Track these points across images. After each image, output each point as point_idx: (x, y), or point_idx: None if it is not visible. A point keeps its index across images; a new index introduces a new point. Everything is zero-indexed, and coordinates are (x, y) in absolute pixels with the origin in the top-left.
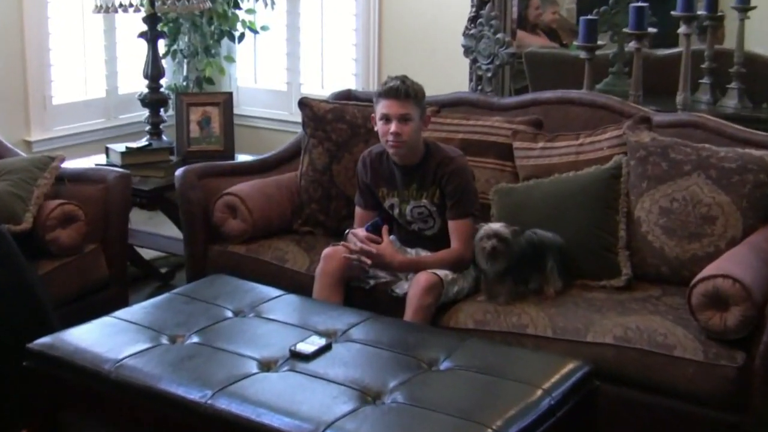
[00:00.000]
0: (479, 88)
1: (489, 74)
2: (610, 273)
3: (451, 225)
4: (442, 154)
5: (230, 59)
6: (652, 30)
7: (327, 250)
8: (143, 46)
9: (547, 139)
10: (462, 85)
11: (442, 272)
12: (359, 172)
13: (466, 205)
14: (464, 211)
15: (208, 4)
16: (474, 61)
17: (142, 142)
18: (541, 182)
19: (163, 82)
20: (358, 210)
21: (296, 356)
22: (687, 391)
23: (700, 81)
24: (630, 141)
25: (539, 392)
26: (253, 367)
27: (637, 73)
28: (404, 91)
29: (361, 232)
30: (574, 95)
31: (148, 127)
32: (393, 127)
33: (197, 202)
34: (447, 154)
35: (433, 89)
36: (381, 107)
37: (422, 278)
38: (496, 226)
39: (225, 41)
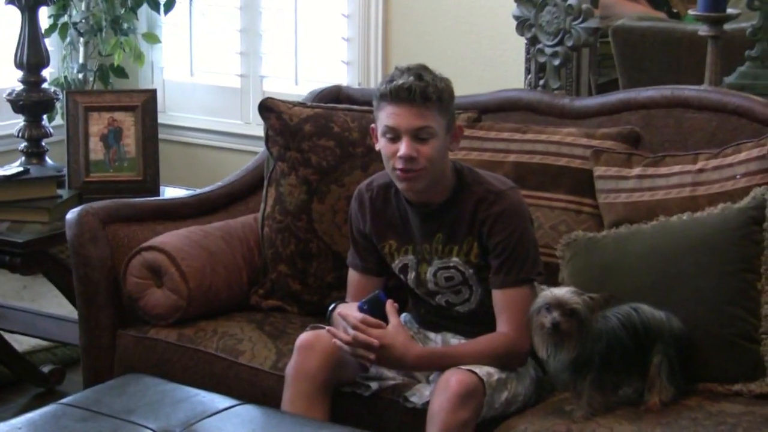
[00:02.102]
0: (541, 83)
1: (556, 62)
2: (749, 372)
3: (498, 297)
4: (484, 186)
5: (152, 38)
6: None
7: (304, 338)
8: (14, 17)
9: (649, 162)
10: (514, 79)
11: (482, 370)
12: (353, 215)
13: (522, 266)
14: (519, 277)
15: None
16: (533, 42)
17: (14, 167)
18: (638, 230)
19: (46, 73)
20: (352, 275)
21: None
22: None
23: None
24: None
25: None
26: None
27: None
28: (421, 91)
29: (352, 311)
30: (690, 94)
31: (22, 145)
32: (404, 147)
33: (100, 262)
34: (491, 187)
35: (470, 85)
36: (385, 116)
37: (453, 380)
38: (561, 291)
39: (144, 10)
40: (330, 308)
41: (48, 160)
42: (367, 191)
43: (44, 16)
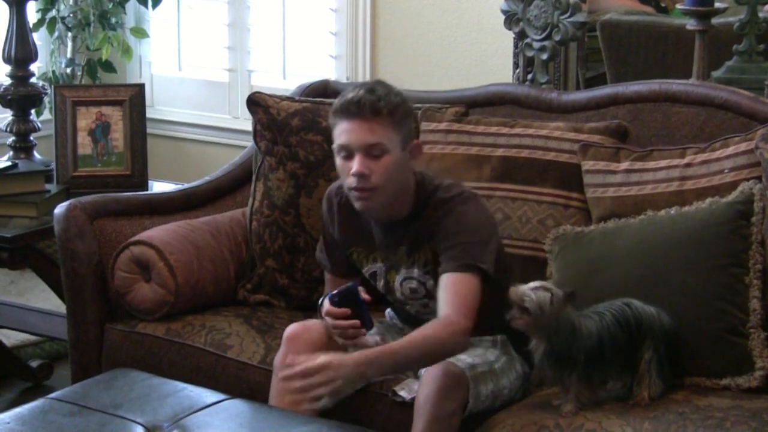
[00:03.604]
0: (529, 77)
1: (544, 56)
2: (736, 366)
3: (441, 282)
4: (440, 197)
5: (140, 33)
6: None
7: (292, 329)
8: (2, 12)
9: (636, 156)
10: (502, 72)
11: (465, 363)
12: (323, 216)
13: (466, 253)
14: (461, 262)
15: None
16: (521, 36)
17: (2, 162)
18: (626, 224)
19: (34, 68)
20: (326, 273)
21: None
22: None
23: None
24: (766, 159)
25: None
26: None
27: None
28: (371, 105)
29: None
30: (677, 88)
31: (10, 139)
32: (356, 164)
33: (88, 257)
34: (441, 195)
35: (457, 79)
36: (338, 134)
37: (438, 372)
38: (523, 287)
39: (132, 4)
40: (319, 303)
41: (36, 154)
42: (336, 196)
43: (32, 10)
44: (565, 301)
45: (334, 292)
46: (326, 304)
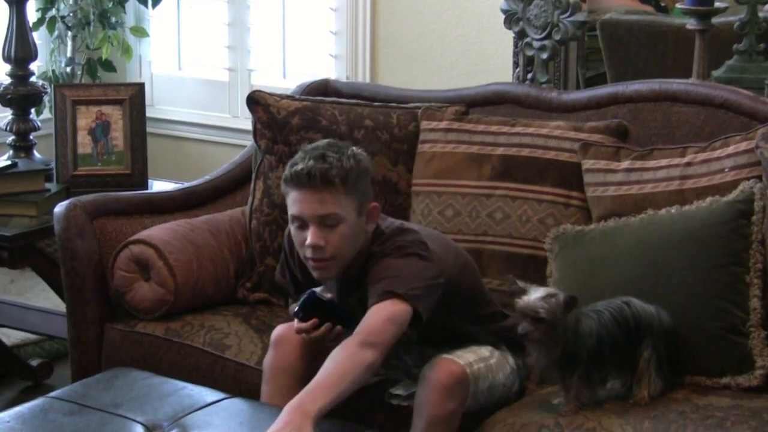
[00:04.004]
0: (529, 76)
1: (544, 56)
2: (736, 366)
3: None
4: (378, 250)
5: (140, 32)
6: None
7: (278, 332)
8: (2, 11)
9: (636, 155)
10: (502, 72)
11: (464, 360)
12: (285, 252)
13: (394, 283)
14: (386, 290)
15: None
16: (521, 36)
17: (2, 161)
18: (626, 223)
19: (34, 67)
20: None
21: None
22: None
23: None
24: (767, 158)
25: None
26: None
27: None
28: (321, 175)
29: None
30: (677, 88)
31: (10, 138)
32: (310, 236)
33: (88, 256)
34: (379, 249)
35: (457, 78)
36: (290, 202)
37: (438, 372)
38: (532, 297)
39: (132, 4)
40: (291, 308)
41: (36, 153)
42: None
43: (32, 9)
44: (567, 306)
45: (296, 308)
46: (296, 322)
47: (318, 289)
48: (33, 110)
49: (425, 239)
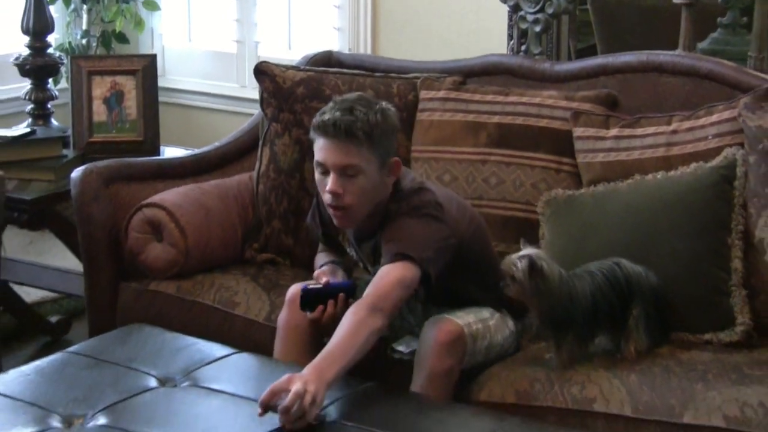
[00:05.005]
0: (523, 48)
1: (537, 29)
2: (718, 323)
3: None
4: (398, 207)
5: (152, 6)
6: None
7: (293, 291)
8: None
9: (625, 124)
10: (497, 44)
11: (463, 320)
12: (317, 197)
13: (407, 245)
14: (399, 252)
15: None
16: (515, 9)
17: (21, 128)
18: (615, 188)
19: (51, 39)
20: (320, 245)
21: None
22: None
23: None
24: (749, 126)
25: None
26: None
27: (761, 26)
28: (346, 127)
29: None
30: (664, 59)
31: (29, 107)
32: (330, 183)
33: (103, 219)
34: (397, 207)
35: (455, 50)
36: (316, 149)
37: (438, 329)
38: (512, 256)
39: None
40: (318, 267)
41: (53, 121)
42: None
43: None
44: (531, 269)
45: (299, 303)
46: (307, 314)
47: (308, 282)
48: (50, 80)
49: (441, 200)
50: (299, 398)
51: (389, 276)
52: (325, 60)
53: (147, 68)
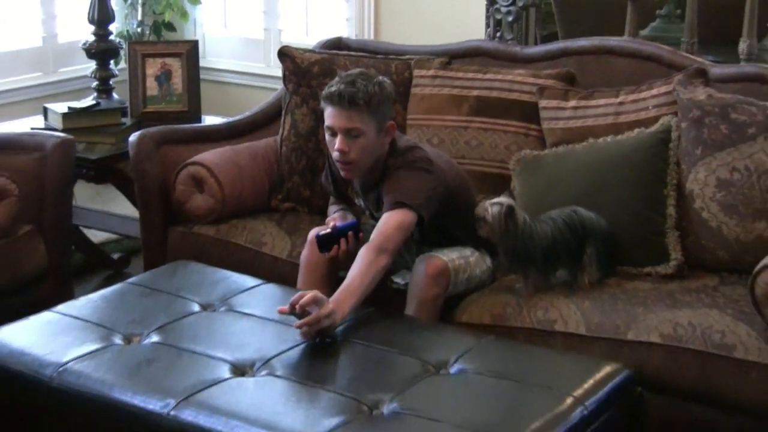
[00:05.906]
0: (498, 35)
1: (510, 18)
2: (656, 258)
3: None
4: (394, 162)
5: (195, 0)
6: None
7: (312, 234)
8: None
9: (581, 96)
10: (477, 31)
11: (448, 257)
12: (329, 160)
13: (404, 195)
14: (398, 201)
15: None
16: (491, 2)
17: (88, 101)
18: (573, 149)
19: (112, 28)
20: (331, 198)
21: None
22: (750, 402)
23: None
24: (682, 99)
25: (570, 401)
26: (225, 372)
27: (691, 16)
28: (350, 97)
29: (331, 224)
30: (613, 43)
31: (94, 83)
32: (337, 143)
33: (155, 175)
34: (394, 162)
35: (443, 36)
36: (326, 116)
37: (426, 264)
38: (488, 201)
39: None
40: (329, 220)
41: (114, 95)
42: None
43: None
44: (507, 214)
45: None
46: (326, 255)
47: (319, 229)
48: (111, 62)
49: (431, 156)
50: (324, 318)
51: (390, 221)
52: (336, 44)
53: (190, 51)
